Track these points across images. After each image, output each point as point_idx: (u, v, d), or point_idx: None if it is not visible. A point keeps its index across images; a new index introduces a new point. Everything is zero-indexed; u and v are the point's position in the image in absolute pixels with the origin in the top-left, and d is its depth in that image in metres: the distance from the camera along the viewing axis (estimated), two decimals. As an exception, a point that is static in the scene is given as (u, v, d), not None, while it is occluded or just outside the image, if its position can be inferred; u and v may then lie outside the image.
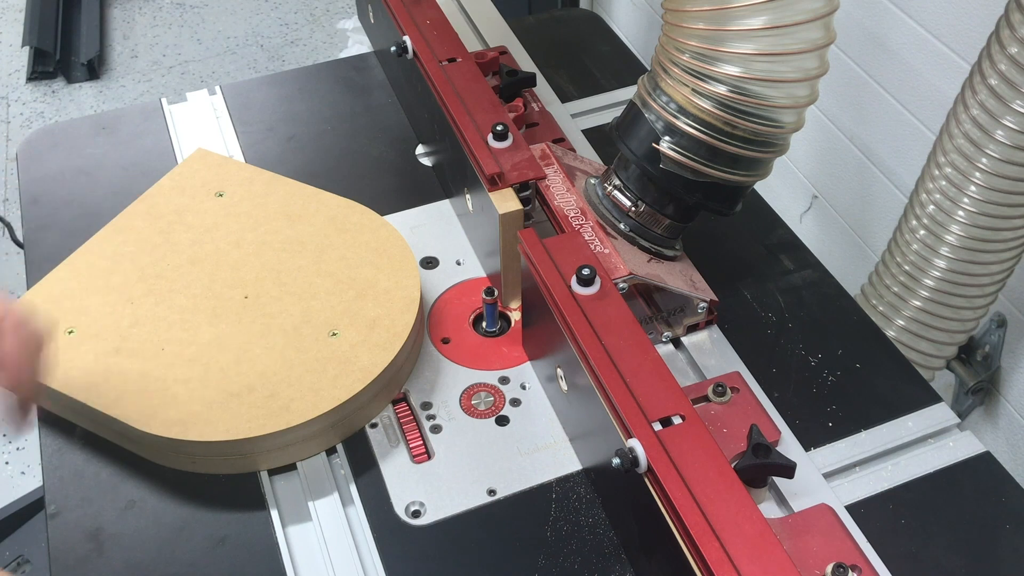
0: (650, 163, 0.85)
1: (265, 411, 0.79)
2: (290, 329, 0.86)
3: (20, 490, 1.70)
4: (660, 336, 0.92)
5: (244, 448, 0.79)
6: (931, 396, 0.89)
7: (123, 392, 0.81)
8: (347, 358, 0.83)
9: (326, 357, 0.83)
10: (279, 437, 0.79)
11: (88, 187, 1.13)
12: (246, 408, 0.80)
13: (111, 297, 0.88)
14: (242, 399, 0.80)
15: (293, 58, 2.81)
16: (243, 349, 0.84)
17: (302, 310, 0.87)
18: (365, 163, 1.16)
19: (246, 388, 0.81)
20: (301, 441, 0.81)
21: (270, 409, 0.79)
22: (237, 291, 0.89)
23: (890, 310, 1.18)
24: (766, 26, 0.75)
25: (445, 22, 1.10)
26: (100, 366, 0.83)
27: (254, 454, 0.80)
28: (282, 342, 0.84)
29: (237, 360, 0.83)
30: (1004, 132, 0.98)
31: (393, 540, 0.78)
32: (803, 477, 0.79)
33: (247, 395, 0.80)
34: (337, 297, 0.88)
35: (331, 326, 0.86)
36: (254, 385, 0.81)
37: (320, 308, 0.87)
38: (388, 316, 0.87)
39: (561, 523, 0.79)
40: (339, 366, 0.83)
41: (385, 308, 0.87)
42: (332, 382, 0.81)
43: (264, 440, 0.79)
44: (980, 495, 0.81)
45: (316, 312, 0.87)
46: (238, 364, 0.83)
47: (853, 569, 0.67)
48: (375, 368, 0.82)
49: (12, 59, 2.82)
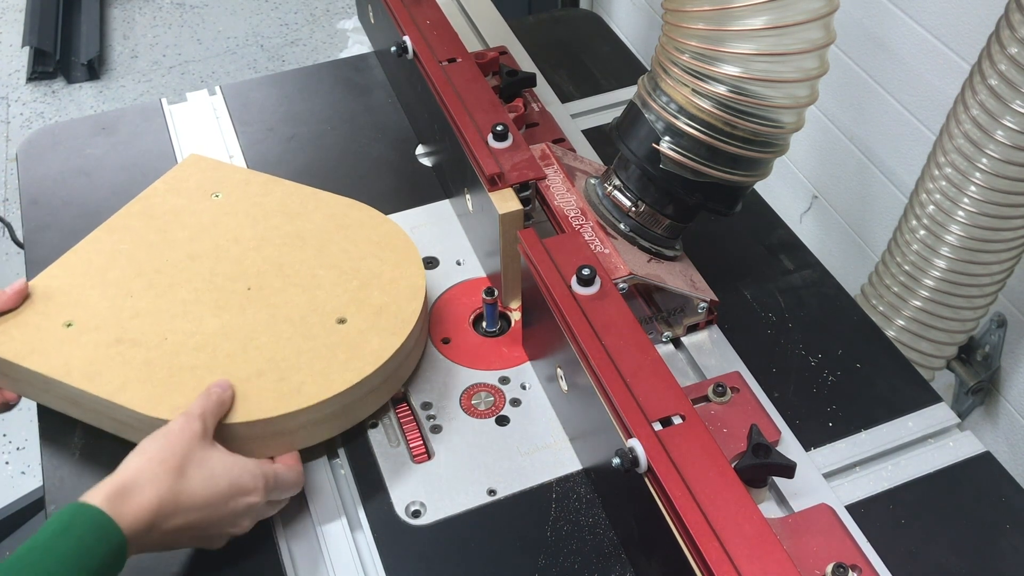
0: (650, 163, 0.85)
1: (276, 394, 0.78)
2: (296, 318, 0.85)
3: (20, 490, 1.70)
4: (660, 336, 0.92)
5: (255, 431, 0.78)
6: (931, 396, 0.89)
7: (127, 379, 0.80)
8: (356, 343, 0.83)
9: (335, 343, 0.83)
10: (291, 419, 0.78)
11: (88, 187, 1.13)
12: (256, 391, 0.79)
13: (109, 291, 0.87)
14: (252, 383, 0.79)
15: (293, 58, 2.81)
16: (249, 337, 0.83)
17: (308, 299, 0.87)
18: (365, 163, 1.16)
19: (255, 373, 0.80)
20: (311, 425, 0.80)
21: (281, 392, 0.79)
22: (239, 283, 0.88)
23: (890, 310, 1.18)
24: (766, 26, 0.75)
25: (445, 22, 1.10)
26: (101, 355, 0.82)
27: (262, 439, 0.79)
28: (289, 330, 0.84)
29: (244, 347, 0.82)
30: (1004, 132, 0.98)
31: (393, 540, 0.78)
32: (803, 477, 0.79)
33: (257, 379, 0.80)
34: (342, 287, 0.88)
35: (338, 314, 0.85)
36: (264, 370, 0.80)
37: (326, 297, 0.87)
38: (395, 303, 0.86)
39: (561, 523, 0.79)
40: (349, 351, 0.82)
41: (391, 296, 0.87)
42: (343, 365, 0.81)
43: (276, 422, 0.78)
44: (980, 495, 0.81)
45: (322, 301, 0.86)
46: (245, 351, 0.82)
47: (853, 569, 0.67)
48: (385, 352, 0.82)
49: (12, 59, 2.82)
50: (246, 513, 0.74)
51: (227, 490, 0.72)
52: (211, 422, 0.74)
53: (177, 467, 0.70)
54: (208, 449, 0.73)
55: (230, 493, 0.72)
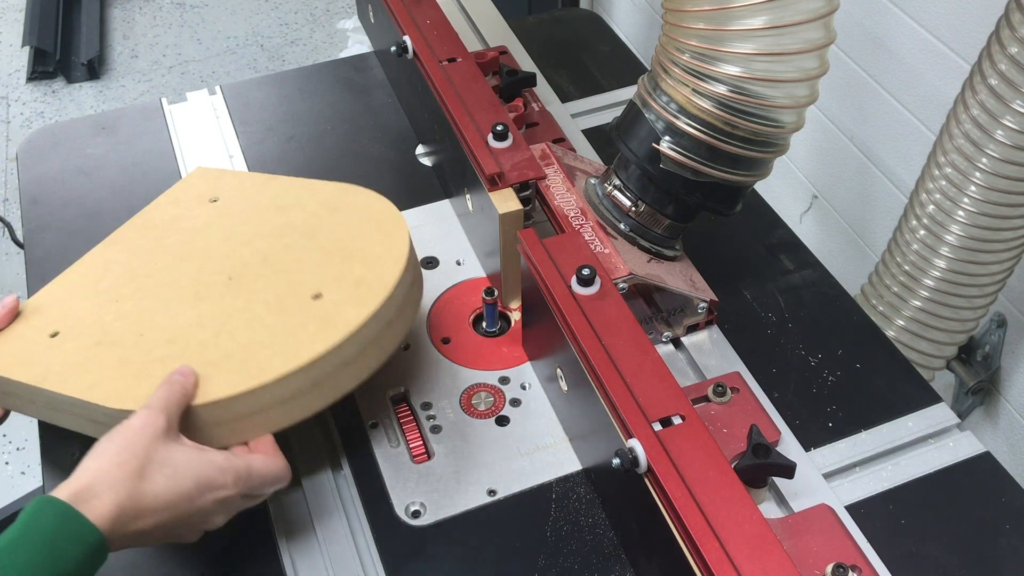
0: (650, 163, 0.85)
1: (240, 372, 0.74)
2: (273, 300, 0.81)
3: (20, 490, 1.70)
4: (660, 336, 0.92)
5: (219, 414, 0.73)
6: (931, 396, 0.89)
7: (100, 378, 0.77)
8: (329, 315, 0.78)
9: (308, 318, 0.78)
10: (255, 397, 0.73)
11: (88, 187, 1.13)
12: (221, 373, 0.74)
13: (99, 300, 0.86)
14: (218, 365, 0.75)
15: (293, 58, 2.81)
16: (223, 324, 0.80)
17: (287, 281, 0.83)
18: (365, 163, 1.16)
19: (223, 356, 0.76)
20: (280, 404, 0.75)
21: (245, 370, 0.74)
22: (222, 276, 0.85)
23: (890, 310, 1.18)
24: (766, 26, 0.75)
25: (445, 22, 1.10)
26: (79, 359, 0.80)
27: (230, 423, 0.74)
28: (263, 311, 0.80)
29: (216, 334, 0.79)
30: (1004, 132, 0.98)
31: (393, 540, 0.78)
32: (803, 477, 0.79)
33: (224, 361, 0.76)
34: (324, 267, 0.83)
35: (315, 291, 0.81)
36: (232, 352, 0.76)
37: (306, 278, 0.82)
38: (375, 274, 0.81)
39: (561, 523, 0.79)
40: (319, 322, 0.77)
41: (372, 269, 0.82)
42: (311, 337, 0.76)
43: (240, 401, 0.73)
44: (980, 495, 0.81)
45: (301, 282, 0.82)
46: (217, 337, 0.79)
47: (853, 569, 0.67)
48: (357, 319, 0.77)
49: (12, 59, 2.82)
50: (217, 509, 0.70)
51: (193, 488, 0.67)
52: (175, 413, 0.70)
53: (136, 470, 0.66)
54: (171, 445, 0.68)
55: (197, 491, 0.68)
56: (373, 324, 0.78)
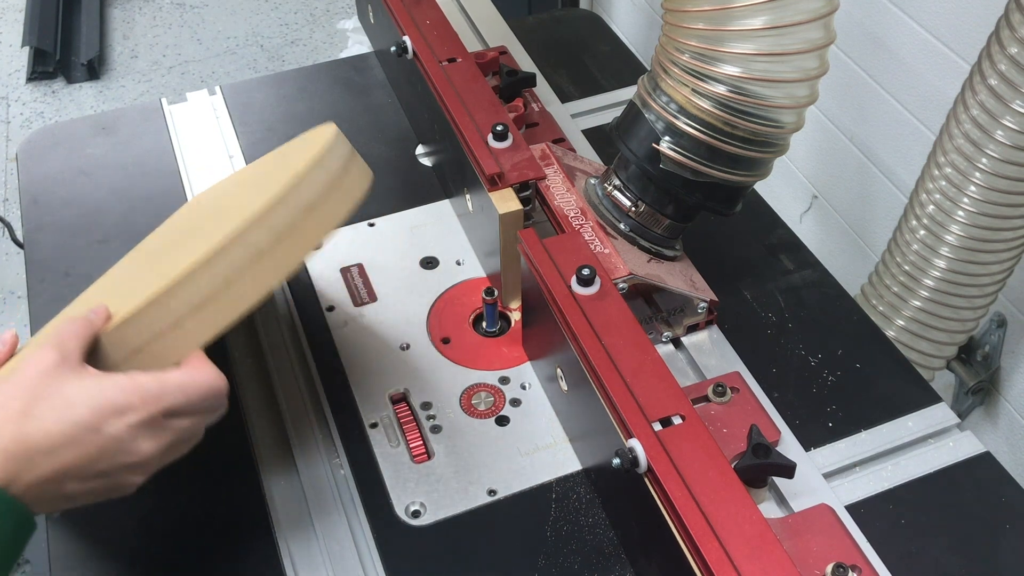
0: (650, 163, 0.85)
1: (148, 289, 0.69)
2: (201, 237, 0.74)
3: None
4: (660, 336, 0.92)
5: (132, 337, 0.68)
6: (931, 396, 0.89)
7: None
8: (233, 213, 0.73)
9: (216, 226, 0.73)
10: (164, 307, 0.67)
11: (88, 187, 1.13)
12: (133, 298, 0.69)
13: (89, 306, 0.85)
14: (134, 296, 0.69)
15: (293, 58, 2.82)
16: (152, 266, 0.76)
17: (229, 220, 0.75)
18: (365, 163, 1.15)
19: (142, 287, 0.71)
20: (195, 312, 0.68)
21: (153, 285, 0.69)
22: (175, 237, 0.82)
23: (890, 310, 1.18)
24: (766, 26, 0.75)
25: (445, 22, 1.10)
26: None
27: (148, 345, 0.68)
28: (191, 245, 0.74)
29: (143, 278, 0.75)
30: (1004, 132, 0.98)
31: (393, 540, 0.78)
32: (803, 477, 0.79)
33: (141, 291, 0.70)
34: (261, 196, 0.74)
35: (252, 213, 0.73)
36: (150, 281, 0.70)
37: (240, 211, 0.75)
38: (284, 167, 0.76)
39: (561, 523, 0.79)
40: (223, 220, 0.72)
41: (287, 166, 0.76)
42: (213, 232, 0.71)
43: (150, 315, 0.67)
44: (980, 495, 0.81)
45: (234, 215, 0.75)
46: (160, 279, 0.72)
47: (853, 569, 0.67)
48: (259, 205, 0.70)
49: (12, 59, 2.82)
50: (135, 436, 0.62)
51: (89, 415, 0.61)
52: (73, 346, 0.64)
53: (21, 409, 0.60)
54: (63, 377, 0.62)
55: (96, 417, 0.61)
56: (282, 209, 0.71)
